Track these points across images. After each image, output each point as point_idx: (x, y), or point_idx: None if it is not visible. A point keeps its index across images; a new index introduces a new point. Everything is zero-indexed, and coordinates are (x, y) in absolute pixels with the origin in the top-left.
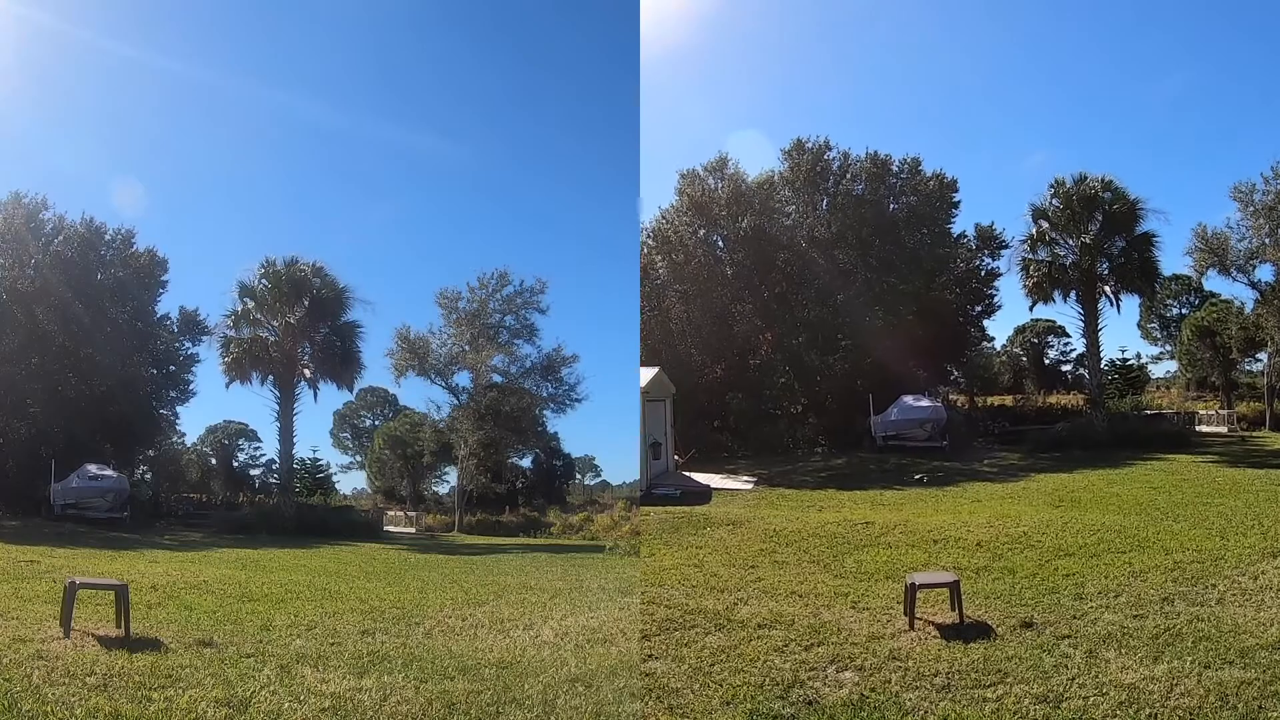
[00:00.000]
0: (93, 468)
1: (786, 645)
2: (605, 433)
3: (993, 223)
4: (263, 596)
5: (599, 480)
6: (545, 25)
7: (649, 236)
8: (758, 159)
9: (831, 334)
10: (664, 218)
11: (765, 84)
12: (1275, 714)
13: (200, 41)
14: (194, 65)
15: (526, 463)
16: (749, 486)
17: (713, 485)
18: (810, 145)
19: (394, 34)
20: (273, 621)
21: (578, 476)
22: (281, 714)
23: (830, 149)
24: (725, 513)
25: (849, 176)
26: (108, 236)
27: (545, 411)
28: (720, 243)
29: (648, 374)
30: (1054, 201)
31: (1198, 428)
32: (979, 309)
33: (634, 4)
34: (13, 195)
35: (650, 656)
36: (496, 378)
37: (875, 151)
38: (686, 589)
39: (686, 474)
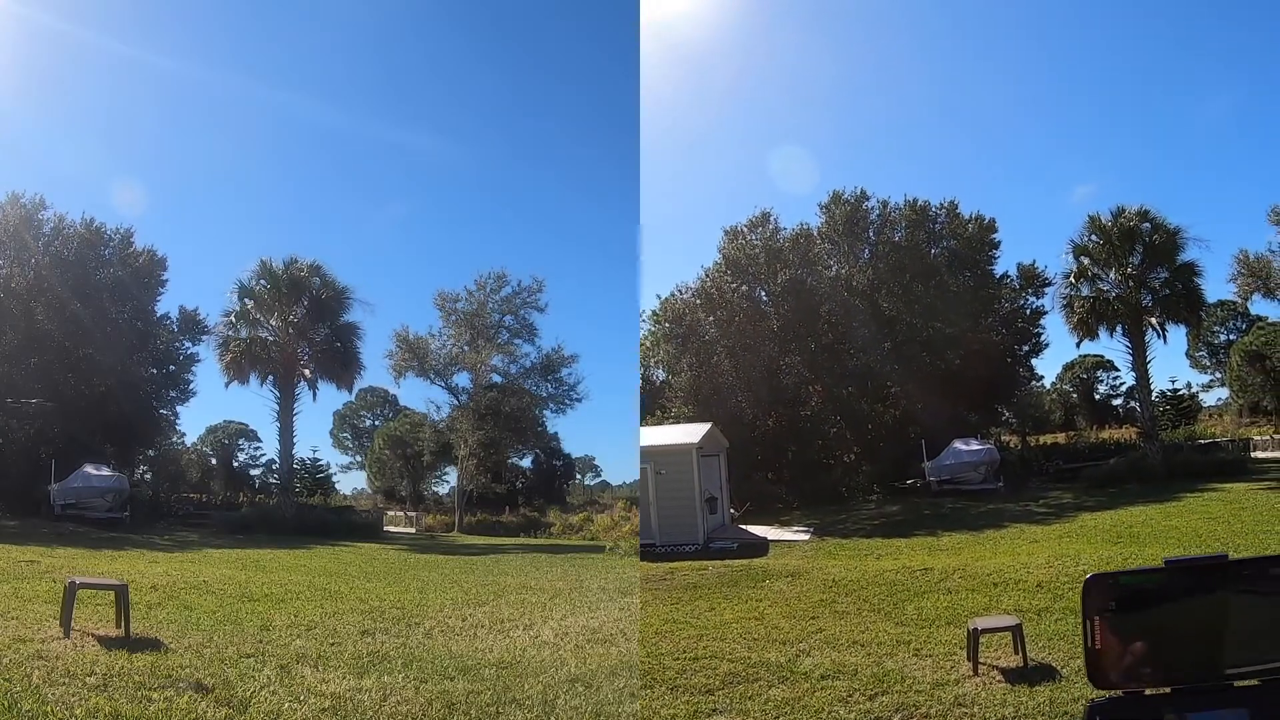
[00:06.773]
0: (92, 468)
1: (850, 695)
2: (605, 433)
3: (1034, 261)
4: (263, 596)
5: (599, 480)
6: (545, 25)
7: (695, 295)
8: (757, 158)
9: (880, 382)
10: (707, 276)
11: (765, 82)
12: None
13: (200, 41)
14: (194, 65)
15: (526, 463)
16: (805, 536)
17: (769, 537)
18: (847, 197)
19: (394, 34)
20: (273, 621)
21: (578, 476)
22: (281, 714)
23: (868, 198)
24: (783, 564)
25: (888, 225)
26: (107, 236)
27: (545, 411)
28: (765, 296)
29: (700, 429)
30: (1093, 237)
31: (1253, 454)
32: (1026, 348)
33: (634, 4)
34: (10, 196)
35: (715, 711)
36: (496, 378)
37: (914, 199)
38: (749, 642)
39: (742, 527)
